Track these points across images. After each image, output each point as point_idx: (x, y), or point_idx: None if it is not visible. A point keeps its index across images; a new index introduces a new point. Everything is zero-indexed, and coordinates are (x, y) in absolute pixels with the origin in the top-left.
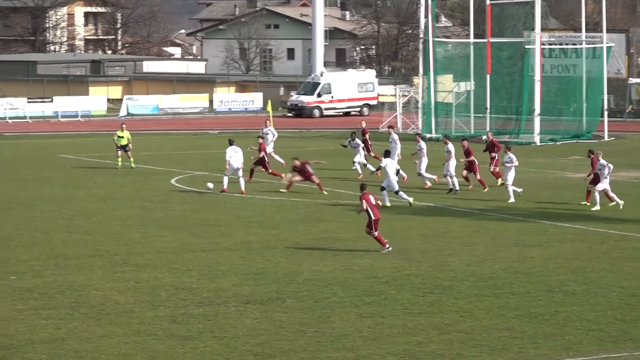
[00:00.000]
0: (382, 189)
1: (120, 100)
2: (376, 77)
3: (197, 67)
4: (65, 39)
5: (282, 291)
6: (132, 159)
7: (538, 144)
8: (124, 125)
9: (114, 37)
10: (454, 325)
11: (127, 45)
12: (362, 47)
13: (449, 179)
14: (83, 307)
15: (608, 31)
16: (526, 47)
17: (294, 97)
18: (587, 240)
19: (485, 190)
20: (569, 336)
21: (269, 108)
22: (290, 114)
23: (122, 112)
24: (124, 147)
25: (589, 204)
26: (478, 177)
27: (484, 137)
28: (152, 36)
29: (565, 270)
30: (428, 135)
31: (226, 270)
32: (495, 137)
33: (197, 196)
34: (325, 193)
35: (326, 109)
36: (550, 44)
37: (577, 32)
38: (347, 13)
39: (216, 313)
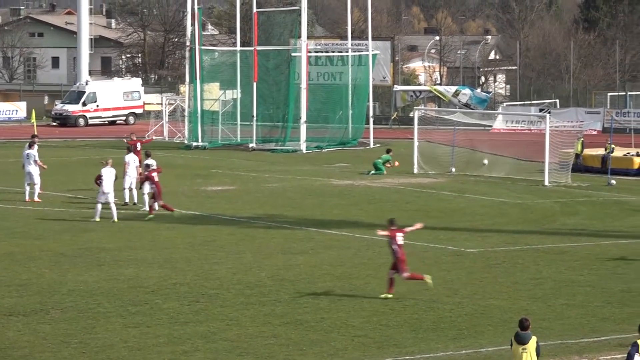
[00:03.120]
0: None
1: None
2: (142, 85)
3: None
4: None
5: (46, 302)
6: None
7: (304, 151)
8: None
9: None
10: (219, 333)
11: None
12: (128, 55)
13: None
14: None
15: (373, 39)
16: (292, 54)
17: (59, 106)
18: (352, 247)
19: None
20: (335, 342)
21: (33, 118)
22: (55, 123)
23: None
24: None
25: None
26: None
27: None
28: None
29: (331, 277)
30: (194, 144)
31: None
32: (262, 144)
33: None
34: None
35: (91, 117)
36: (317, 52)
37: (343, 40)
38: (113, 21)
39: None
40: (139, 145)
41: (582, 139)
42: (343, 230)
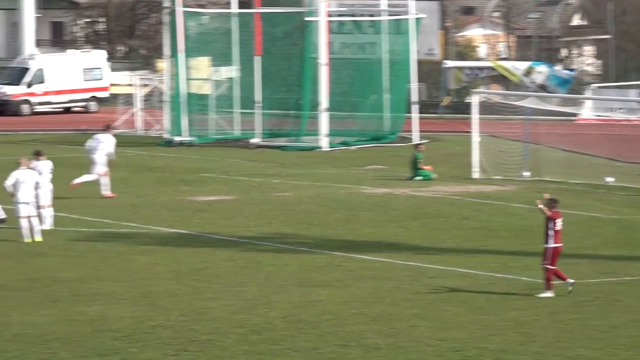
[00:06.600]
0: None
1: None
2: (107, 60)
3: None
4: None
5: None
6: None
7: (326, 149)
8: None
9: None
10: None
11: None
12: (88, 20)
13: None
14: None
15: None
16: (307, 19)
17: None
18: (393, 278)
19: None
20: None
21: None
22: None
23: None
24: None
25: None
26: None
27: None
28: None
29: (364, 317)
30: (178, 139)
31: None
32: (269, 139)
33: None
34: None
35: (38, 103)
36: (340, 15)
37: (375, 0)
38: None
39: None
40: None
41: None
42: (379, 256)
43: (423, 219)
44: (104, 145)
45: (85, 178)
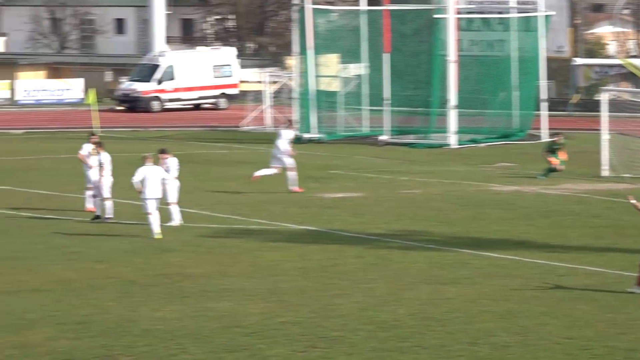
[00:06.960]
0: None
1: None
2: (237, 57)
3: None
4: None
5: (113, 346)
6: None
7: (454, 146)
8: None
9: None
10: None
11: None
12: (217, 17)
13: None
14: None
15: None
16: (436, 16)
17: (125, 85)
18: (521, 275)
19: None
20: None
21: (92, 99)
22: (120, 107)
23: None
24: None
25: None
26: None
27: None
28: None
29: (492, 315)
30: (307, 136)
31: (36, 318)
32: (398, 136)
33: None
34: None
35: (168, 100)
36: (469, 13)
37: None
38: None
39: None
40: None
41: None
42: (508, 253)
43: (552, 217)
44: (282, 140)
45: (264, 172)
